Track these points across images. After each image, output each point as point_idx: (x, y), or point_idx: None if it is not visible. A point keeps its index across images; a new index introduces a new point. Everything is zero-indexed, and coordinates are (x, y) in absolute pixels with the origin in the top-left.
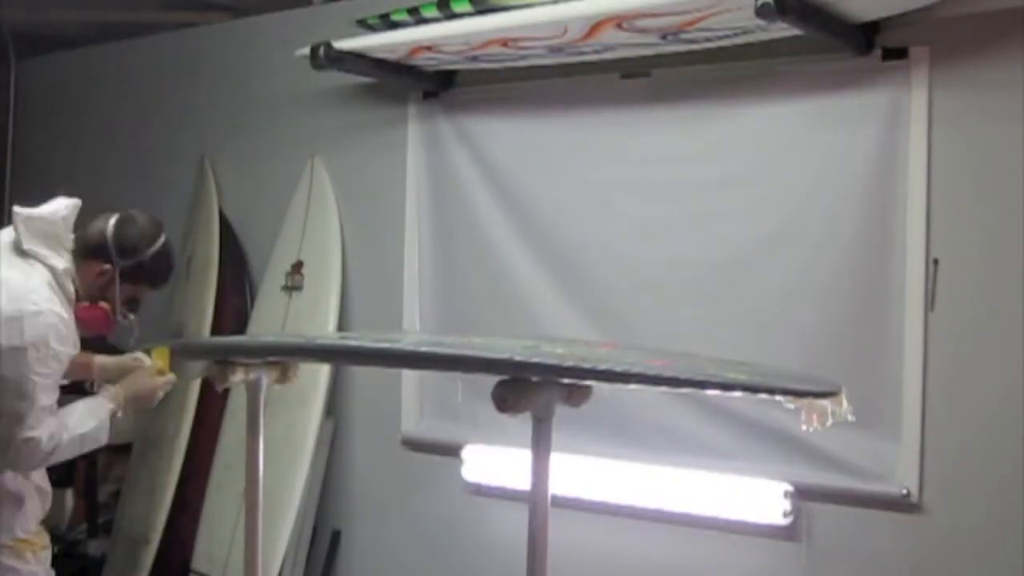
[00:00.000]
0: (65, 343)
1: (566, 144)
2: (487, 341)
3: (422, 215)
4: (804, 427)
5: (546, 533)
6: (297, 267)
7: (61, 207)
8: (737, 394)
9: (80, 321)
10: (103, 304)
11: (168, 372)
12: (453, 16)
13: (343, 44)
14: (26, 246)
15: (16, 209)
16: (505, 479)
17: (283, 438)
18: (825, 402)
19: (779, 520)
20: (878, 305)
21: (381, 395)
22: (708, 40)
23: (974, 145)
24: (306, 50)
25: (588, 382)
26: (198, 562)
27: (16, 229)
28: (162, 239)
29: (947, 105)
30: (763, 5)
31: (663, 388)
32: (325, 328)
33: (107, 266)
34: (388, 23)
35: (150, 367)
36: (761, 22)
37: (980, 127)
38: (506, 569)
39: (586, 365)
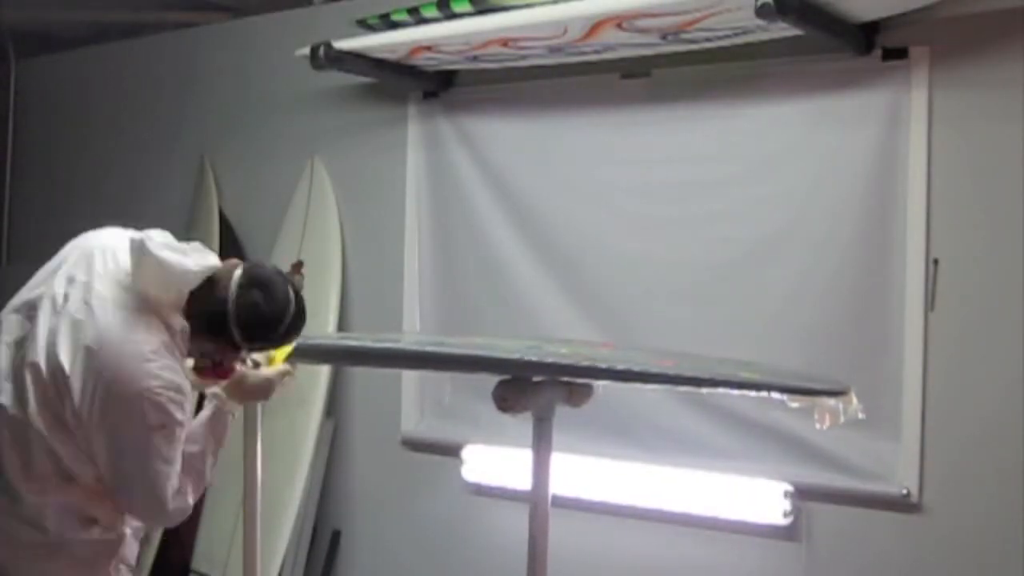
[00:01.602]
0: (187, 411)
1: (566, 144)
2: (489, 341)
3: (422, 215)
4: (817, 426)
5: (546, 533)
6: (297, 267)
7: (196, 259)
8: (751, 393)
9: (194, 384)
10: (223, 367)
11: (281, 360)
12: (453, 16)
13: (343, 44)
14: (142, 291)
15: (141, 237)
16: (505, 479)
17: (283, 438)
18: (835, 401)
19: (779, 520)
20: (878, 305)
21: (381, 395)
22: (708, 40)
23: (974, 145)
24: (306, 50)
25: (602, 382)
26: (198, 562)
27: (134, 263)
28: (292, 307)
29: (947, 105)
30: (763, 5)
31: (668, 387)
32: (325, 328)
33: (229, 348)
34: (388, 23)
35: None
36: (761, 22)
37: (980, 127)
38: (506, 569)
39: (602, 365)
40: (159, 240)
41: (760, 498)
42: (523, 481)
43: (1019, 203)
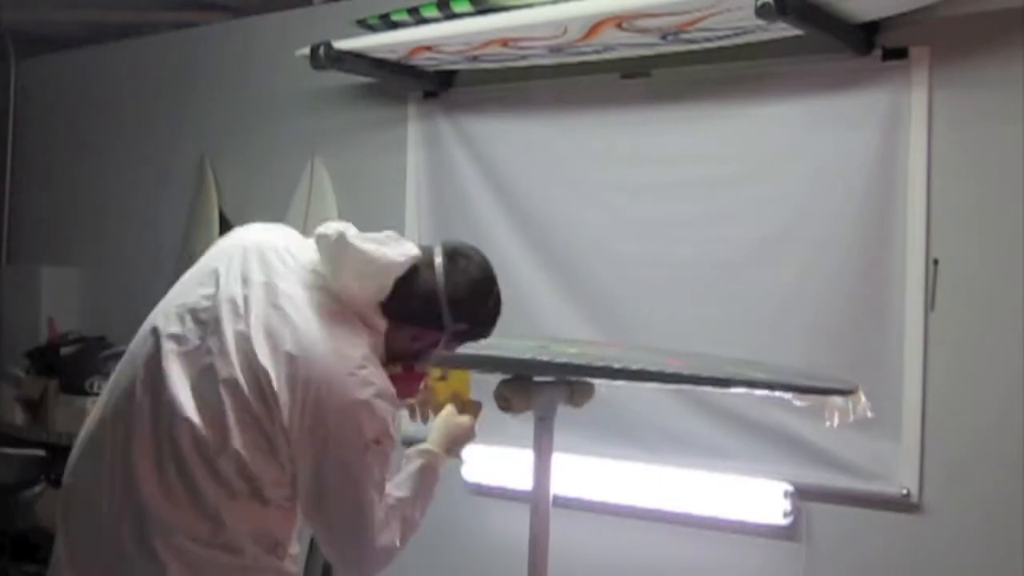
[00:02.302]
0: (395, 426)
1: (566, 144)
2: (496, 341)
3: (422, 215)
4: (827, 424)
5: (547, 533)
6: None
7: (397, 248)
8: (761, 393)
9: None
10: (417, 370)
11: (468, 396)
12: (453, 16)
13: (343, 44)
14: (340, 289)
15: (339, 228)
16: (506, 479)
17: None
18: (844, 400)
19: (779, 520)
20: (878, 305)
21: None
22: (708, 40)
23: (974, 145)
24: (306, 50)
25: (617, 382)
26: None
27: (331, 258)
28: (496, 287)
29: (947, 105)
30: (763, 5)
31: (675, 387)
32: None
33: (434, 332)
34: (388, 23)
35: (452, 405)
36: (761, 22)
37: (980, 127)
38: (507, 569)
39: (616, 365)
40: (353, 231)
41: (760, 498)
42: (524, 481)
43: (1019, 203)
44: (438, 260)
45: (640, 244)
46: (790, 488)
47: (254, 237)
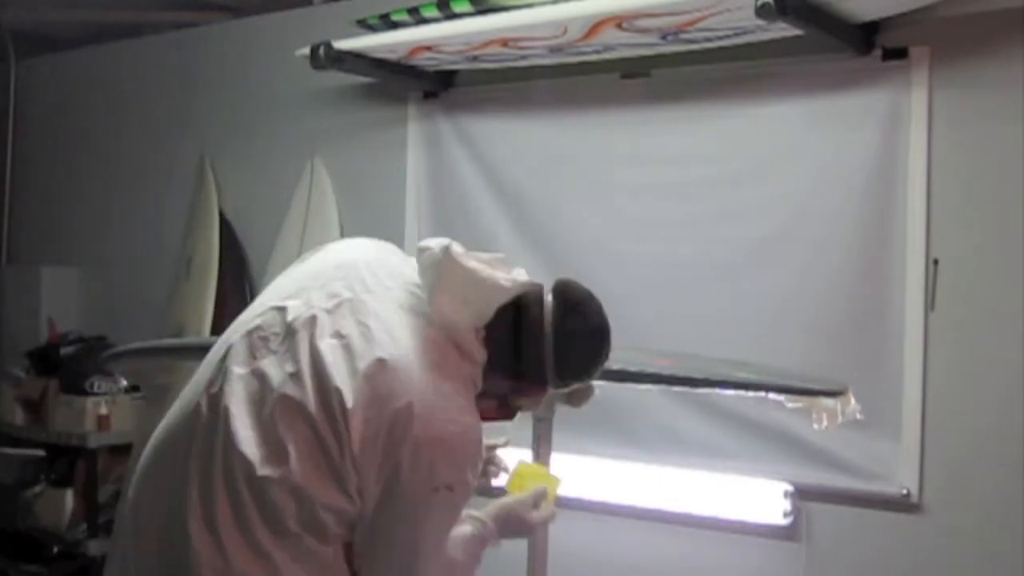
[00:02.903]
0: (475, 473)
1: (566, 144)
2: None
3: (422, 215)
4: (815, 426)
5: (546, 533)
6: None
7: (505, 273)
8: (747, 394)
9: None
10: (507, 408)
11: (553, 500)
12: (453, 16)
13: (343, 44)
14: (434, 309)
15: (443, 243)
16: (505, 479)
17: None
18: (834, 401)
19: (779, 520)
20: (878, 305)
21: None
22: (708, 40)
23: (974, 145)
24: (306, 50)
25: (602, 382)
26: None
27: (431, 274)
28: (610, 338)
29: (947, 105)
30: (763, 5)
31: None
32: None
33: (536, 387)
34: (388, 23)
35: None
36: (761, 22)
37: (980, 127)
38: (506, 569)
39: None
40: (459, 247)
41: (760, 498)
42: None
43: (1019, 203)
44: (548, 309)
45: (640, 244)
46: (790, 488)
47: (350, 253)
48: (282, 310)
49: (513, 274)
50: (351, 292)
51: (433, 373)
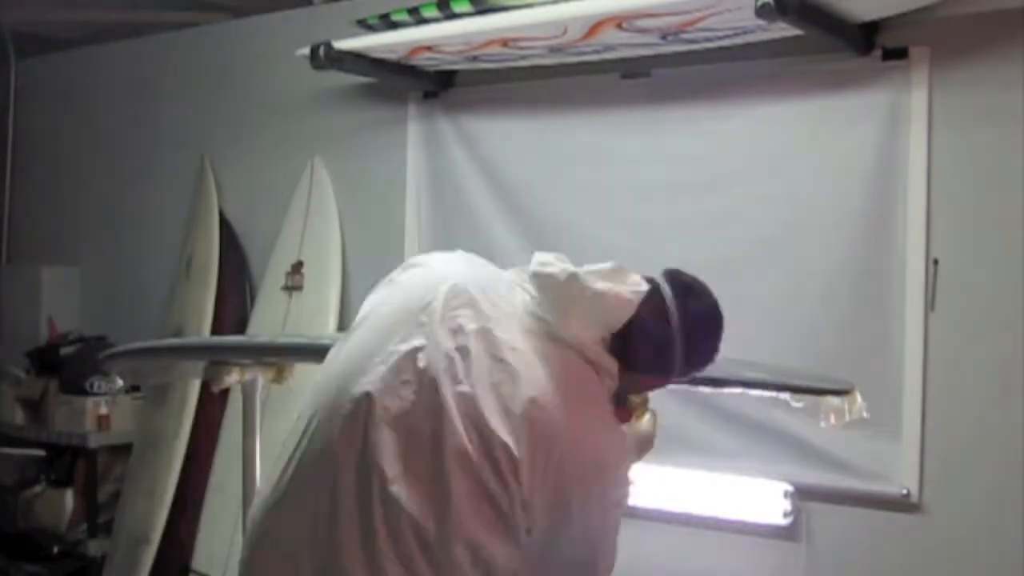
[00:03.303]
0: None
1: (566, 144)
2: None
3: (422, 215)
4: (822, 424)
5: None
6: (297, 267)
7: (625, 284)
8: (756, 393)
9: None
10: (626, 408)
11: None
12: (453, 16)
13: (343, 44)
14: (562, 331)
15: (570, 269)
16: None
17: (284, 438)
18: (840, 400)
19: (779, 520)
20: (878, 305)
21: None
22: (708, 40)
23: (974, 145)
24: (306, 50)
25: None
26: (198, 562)
27: (558, 300)
28: (723, 318)
29: (947, 105)
30: (763, 5)
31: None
32: (325, 328)
33: (664, 379)
34: (388, 23)
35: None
36: (761, 22)
37: (980, 127)
38: None
39: None
40: (581, 271)
41: (760, 498)
42: None
43: (1019, 203)
44: (670, 301)
45: (639, 244)
46: (790, 488)
47: (450, 273)
48: (410, 347)
49: (631, 282)
50: (477, 323)
51: (583, 401)
